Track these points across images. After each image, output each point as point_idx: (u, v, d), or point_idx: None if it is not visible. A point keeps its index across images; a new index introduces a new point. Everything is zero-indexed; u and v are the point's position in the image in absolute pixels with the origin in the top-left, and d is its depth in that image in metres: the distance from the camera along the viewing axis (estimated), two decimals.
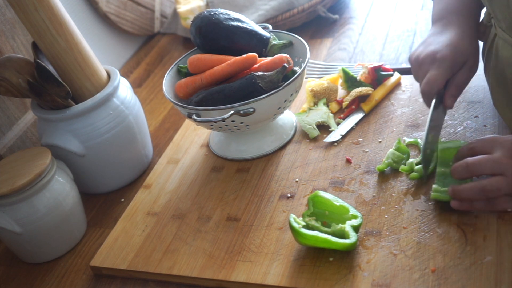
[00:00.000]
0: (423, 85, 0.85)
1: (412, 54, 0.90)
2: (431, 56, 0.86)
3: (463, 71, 0.86)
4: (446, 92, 0.86)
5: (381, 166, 0.89)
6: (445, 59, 0.84)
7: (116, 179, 1.05)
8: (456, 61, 0.85)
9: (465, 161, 0.78)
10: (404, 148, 0.91)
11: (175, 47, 1.49)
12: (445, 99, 0.86)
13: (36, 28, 0.91)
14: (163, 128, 1.20)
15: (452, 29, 0.88)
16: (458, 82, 0.86)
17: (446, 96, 0.86)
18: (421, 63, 0.87)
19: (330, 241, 0.77)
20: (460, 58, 0.85)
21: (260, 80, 0.92)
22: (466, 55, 0.85)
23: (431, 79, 0.84)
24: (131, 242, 0.91)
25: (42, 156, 0.91)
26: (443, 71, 0.84)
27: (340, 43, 1.29)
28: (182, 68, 1.05)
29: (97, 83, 0.98)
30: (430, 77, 0.85)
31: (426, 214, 0.81)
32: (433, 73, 0.84)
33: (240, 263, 0.82)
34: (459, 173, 0.78)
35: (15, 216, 0.88)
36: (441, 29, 0.89)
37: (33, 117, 1.12)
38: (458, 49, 0.85)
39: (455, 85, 0.86)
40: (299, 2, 1.35)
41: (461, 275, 0.71)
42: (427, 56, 0.86)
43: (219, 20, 0.99)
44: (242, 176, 0.98)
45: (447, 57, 0.84)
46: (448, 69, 0.84)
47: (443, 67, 0.84)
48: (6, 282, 0.93)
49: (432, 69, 0.85)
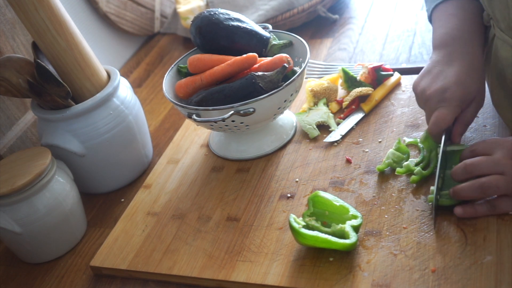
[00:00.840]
0: (432, 124, 0.83)
1: (416, 85, 0.87)
2: (439, 94, 0.83)
3: (470, 109, 0.84)
4: (454, 130, 0.85)
5: (381, 166, 0.89)
6: (454, 99, 0.82)
7: (116, 179, 1.05)
8: (464, 99, 0.83)
9: (464, 163, 0.78)
10: (404, 148, 0.91)
11: (175, 47, 1.49)
12: (453, 137, 0.85)
13: (36, 28, 0.91)
14: (163, 128, 1.20)
15: (458, 61, 0.84)
16: (465, 120, 0.85)
17: (455, 135, 0.85)
18: (428, 99, 0.84)
19: (330, 241, 0.77)
20: (468, 97, 0.83)
21: (260, 80, 0.92)
22: (474, 93, 0.83)
23: (439, 118, 0.82)
24: (131, 242, 0.91)
25: (42, 156, 0.91)
26: (452, 111, 0.82)
27: (340, 43, 1.29)
28: (182, 68, 1.05)
29: (97, 83, 0.98)
30: (439, 116, 0.82)
31: (426, 214, 0.81)
32: (442, 112, 0.82)
33: (240, 263, 0.82)
34: (459, 175, 0.79)
35: (15, 216, 0.88)
36: (446, 58, 0.86)
37: (33, 117, 1.12)
38: (466, 87, 0.82)
39: (463, 123, 0.85)
40: (299, 2, 1.35)
41: (461, 275, 0.71)
42: (435, 93, 0.83)
43: (219, 20, 0.99)
44: (242, 176, 0.98)
45: (456, 97, 0.82)
46: (457, 107, 0.82)
47: (452, 106, 0.82)
48: (6, 282, 0.93)
49: (441, 108, 0.82)
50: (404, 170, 0.87)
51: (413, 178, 0.86)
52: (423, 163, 0.87)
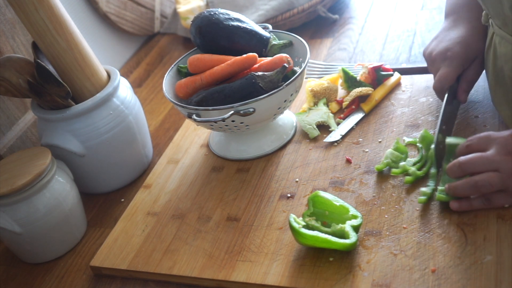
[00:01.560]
0: (435, 82, 0.91)
1: (425, 50, 0.95)
2: (442, 53, 0.90)
3: (473, 67, 0.90)
4: (459, 88, 0.91)
5: (380, 166, 0.89)
6: (456, 57, 0.89)
7: (116, 179, 1.05)
8: (466, 57, 0.89)
9: (458, 161, 0.78)
10: (403, 148, 0.91)
11: (175, 47, 1.49)
12: (458, 95, 0.91)
13: (36, 28, 0.91)
14: (163, 128, 1.20)
15: (463, 25, 0.91)
16: (469, 78, 0.91)
17: (460, 92, 0.91)
18: (434, 60, 0.92)
19: (330, 241, 0.77)
20: (471, 55, 0.89)
21: (260, 80, 0.92)
22: (476, 51, 0.89)
23: (442, 76, 0.89)
24: (131, 242, 0.91)
25: (42, 156, 0.91)
26: (454, 69, 0.89)
27: (340, 43, 1.29)
28: (182, 68, 1.05)
29: (97, 83, 0.98)
30: (441, 74, 0.89)
31: (426, 214, 0.81)
32: (444, 70, 0.89)
33: (240, 263, 0.82)
34: (454, 173, 0.79)
35: (15, 216, 0.88)
36: (452, 24, 0.93)
37: (33, 117, 1.12)
38: (468, 45, 0.89)
39: (466, 81, 0.91)
40: (299, 2, 1.35)
41: (461, 275, 0.71)
42: (439, 54, 0.91)
43: (219, 20, 0.99)
44: (242, 176, 0.98)
45: (458, 55, 0.88)
46: (459, 66, 0.89)
47: (453, 64, 0.89)
48: (6, 282, 0.93)
49: (443, 67, 0.89)
50: (400, 171, 0.87)
51: (407, 179, 0.86)
52: (420, 163, 0.88)
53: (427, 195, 0.82)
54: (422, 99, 1.02)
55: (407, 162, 0.88)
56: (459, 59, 0.89)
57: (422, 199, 0.82)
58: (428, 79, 1.06)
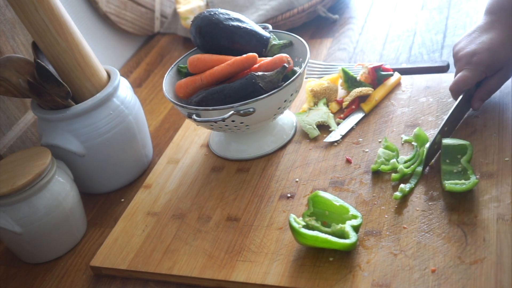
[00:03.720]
0: (453, 83, 0.89)
1: (455, 45, 0.93)
2: (469, 56, 0.88)
3: (496, 77, 0.88)
4: (476, 94, 0.89)
5: (375, 166, 0.90)
6: (480, 63, 0.86)
7: (116, 179, 1.05)
8: (491, 66, 0.86)
9: None
10: (392, 146, 0.91)
11: (175, 47, 1.49)
12: (473, 101, 0.89)
13: (36, 28, 0.91)
14: (163, 128, 1.20)
15: (498, 30, 0.88)
16: (489, 87, 0.89)
17: (475, 99, 0.89)
18: (459, 60, 0.90)
19: (330, 241, 0.77)
20: (496, 64, 0.86)
21: (260, 80, 0.92)
22: (503, 62, 0.87)
23: (460, 80, 0.88)
24: (131, 242, 0.91)
25: (42, 156, 0.91)
26: (475, 75, 0.87)
27: (340, 43, 1.29)
28: (182, 68, 1.05)
29: (97, 83, 0.98)
30: (460, 77, 0.88)
31: (426, 214, 0.81)
32: (465, 74, 0.87)
33: (240, 263, 0.82)
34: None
35: (15, 216, 0.88)
36: (488, 25, 0.90)
37: (33, 117, 1.12)
38: (495, 54, 0.86)
39: (485, 90, 0.89)
40: (299, 2, 1.35)
41: (461, 275, 0.71)
42: (465, 55, 0.88)
43: (219, 20, 0.99)
44: (242, 176, 0.98)
45: (482, 62, 0.86)
46: (481, 73, 0.87)
47: (475, 71, 0.87)
48: (6, 282, 0.93)
49: (466, 71, 0.87)
50: (389, 168, 0.88)
51: (393, 176, 0.87)
52: (411, 161, 0.88)
53: (403, 193, 0.83)
54: (422, 99, 1.02)
55: (400, 159, 0.89)
56: (483, 66, 0.86)
57: (397, 196, 0.83)
58: (428, 79, 1.06)
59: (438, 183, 0.85)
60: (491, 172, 0.83)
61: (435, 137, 0.86)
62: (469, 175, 0.82)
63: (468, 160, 0.84)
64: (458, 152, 0.86)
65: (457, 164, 0.85)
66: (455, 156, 0.86)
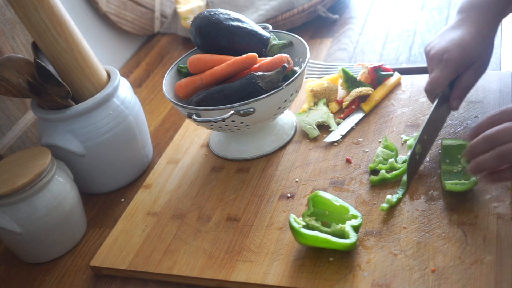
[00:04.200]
0: (426, 84, 0.87)
1: (427, 46, 0.91)
2: (439, 54, 0.86)
3: (469, 73, 0.86)
4: (452, 94, 0.87)
5: (373, 165, 0.90)
6: (451, 60, 0.85)
7: (116, 179, 1.05)
8: (462, 62, 0.85)
9: (483, 135, 0.74)
10: (391, 146, 0.91)
11: (175, 47, 1.49)
12: (450, 100, 0.87)
13: (36, 28, 0.91)
14: (163, 128, 1.20)
15: (468, 26, 0.87)
16: (463, 84, 0.86)
17: (452, 98, 0.87)
18: (430, 59, 0.88)
19: (330, 241, 0.77)
20: (467, 60, 0.85)
21: (260, 80, 0.92)
22: (474, 57, 0.85)
23: (433, 80, 0.86)
24: (131, 242, 0.91)
25: (42, 156, 0.91)
26: (447, 73, 0.85)
27: (340, 43, 1.29)
28: (182, 68, 1.05)
29: (97, 83, 0.98)
30: (433, 77, 0.86)
31: (426, 214, 0.81)
32: (437, 74, 0.85)
33: (240, 263, 0.82)
34: (479, 147, 0.74)
35: (15, 216, 0.88)
36: (458, 23, 0.89)
37: (33, 117, 1.12)
38: (466, 50, 0.85)
39: (460, 87, 0.86)
40: (299, 2, 1.35)
41: (461, 275, 0.71)
42: (436, 54, 0.87)
43: (219, 20, 0.99)
44: (242, 176, 0.98)
45: (453, 59, 0.85)
46: (453, 70, 0.85)
47: (447, 69, 0.85)
48: (6, 282, 0.93)
49: (437, 70, 0.86)
50: (387, 167, 0.88)
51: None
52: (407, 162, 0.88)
53: (390, 204, 0.83)
54: (422, 99, 1.02)
55: (399, 159, 0.90)
56: (454, 63, 0.85)
57: (383, 207, 0.82)
58: None
59: (438, 183, 0.85)
60: None
61: (414, 148, 0.84)
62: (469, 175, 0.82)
63: (468, 160, 0.84)
64: (458, 152, 0.86)
65: (457, 164, 0.85)
66: (455, 156, 0.86)
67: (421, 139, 0.84)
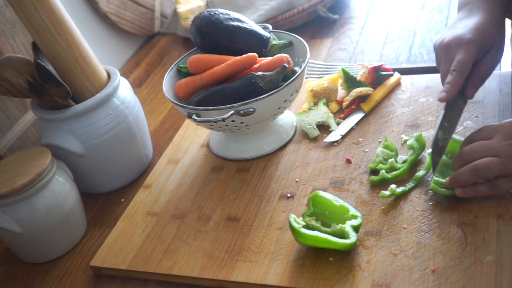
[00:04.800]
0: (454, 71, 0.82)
1: (437, 40, 0.88)
2: (457, 39, 0.83)
3: (487, 58, 0.84)
4: (469, 82, 0.84)
5: (373, 165, 0.90)
6: (472, 42, 0.82)
7: (116, 179, 1.05)
8: (482, 46, 0.83)
9: (460, 151, 0.80)
10: (391, 146, 0.91)
11: (175, 47, 1.49)
12: (467, 89, 0.85)
13: (36, 28, 0.91)
14: (163, 128, 1.20)
15: (479, 13, 0.86)
16: (482, 71, 0.84)
17: (468, 87, 0.84)
18: (447, 47, 0.84)
19: (330, 241, 0.77)
20: (486, 44, 0.83)
21: (260, 80, 0.92)
22: (492, 41, 0.84)
23: (460, 62, 0.81)
24: (131, 242, 0.91)
25: (42, 156, 0.91)
26: (470, 55, 0.82)
27: (340, 43, 1.29)
28: (182, 68, 1.05)
29: (97, 83, 0.98)
30: (459, 60, 0.82)
31: (426, 214, 0.81)
32: (461, 56, 0.82)
33: (240, 263, 0.82)
34: (456, 163, 0.80)
35: (15, 216, 0.88)
36: (467, 14, 0.87)
37: (33, 117, 1.12)
38: (485, 33, 0.83)
39: (478, 75, 0.84)
40: (299, 2, 1.35)
41: (461, 275, 0.71)
42: (453, 40, 0.84)
43: (219, 20, 0.99)
44: (242, 176, 0.98)
45: (474, 40, 0.82)
46: (475, 53, 0.82)
47: (469, 51, 0.82)
48: (6, 282, 0.93)
49: (460, 53, 0.82)
50: (387, 167, 0.88)
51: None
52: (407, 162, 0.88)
53: (392, 192, 0.83)
54: (422, 99, 1.02)
55: (399, 159, 0.90)
56: (475, 46, 0.82)
57: (384, 194, 0.83)
58: (428, 79, 1.06)
59: None
60: None
61: (437, 134, 0.82)
62: None
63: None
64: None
65: None
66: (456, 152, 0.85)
67: (442, 125, 0.82)
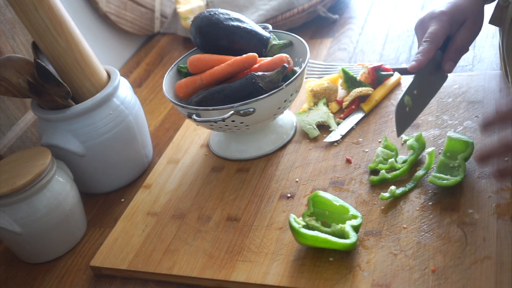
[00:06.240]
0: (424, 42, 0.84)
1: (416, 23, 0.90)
2: (430, 13, 0.86)
3: (462, 31, 0.85)
4: (445, 56, 0.85)
5: (373, 165, 0.90)
6: (443, 14, 0.84)
7: (116, 179, 1.05)
8: (454, 17, 0.84)
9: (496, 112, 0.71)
10: (391, 146, 0.91)
11: (175, 47, 1.49)
12: (443, 63, 0.85)
13: (36, 28, 0.91)
14: (163, 128, 1.20)
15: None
16: (457, 44, 0.85)
17: (445, 60, 0.85)
18: (421, 23, 0.87)
19: (330, 241, 0.77)
20: (459, 15, 0.85)
21: (260, 80, 0.92)
22: (466, 13, 0.85)
23: (431, 33, 0.83)
24: (131, 242, 0.91)
25: (42, 156, 0.91)
26: (442, 26, 0.84)
27: (340, 43, 1.29)
28: (182, 68, 1.05)
29: (97, 83, 0.98)
30: (430, 31, 0.84)
31: (426, 214, 0.81)
32: (433, 28, 0.84)
33: (240, 263, 0.82)
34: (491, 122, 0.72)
35: (15, 216, 0.88)
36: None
37: (33, 117, 1.12)
38: (457, 5, 0.85)
39: (454, 48, 0.85)
40: (299, 2, 1.35)
41: (461, 275, 0.71)
42: (427, 15, 0.87)
43: (219, 20, 0.99)
44: (242, 176, 0.98)
45: (445, 12, 0.84)
46: (447, 24, 0.84)
47: (441, 22, 0.84)
48: (6, 282, 0.93)
49: (432, 25, 0.85)
50: (387, 167, 0.88)
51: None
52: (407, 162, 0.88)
53: (392, 194, 0.83)
54: None
55: (399, 159, 0.90)
56: (447, 16, 0.84)
57: (384, 196, 0.83)
58: None
59: None
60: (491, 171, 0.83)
61: (403, 97, 0.82)
62: (460, 172, 0.82)
63: (465, 157, 0.84)
64: (460, 149, 0.85)
65: (455, 160, 0.85)
66: (456, 151, 0.86)
67: (410, 91, 0.83)
